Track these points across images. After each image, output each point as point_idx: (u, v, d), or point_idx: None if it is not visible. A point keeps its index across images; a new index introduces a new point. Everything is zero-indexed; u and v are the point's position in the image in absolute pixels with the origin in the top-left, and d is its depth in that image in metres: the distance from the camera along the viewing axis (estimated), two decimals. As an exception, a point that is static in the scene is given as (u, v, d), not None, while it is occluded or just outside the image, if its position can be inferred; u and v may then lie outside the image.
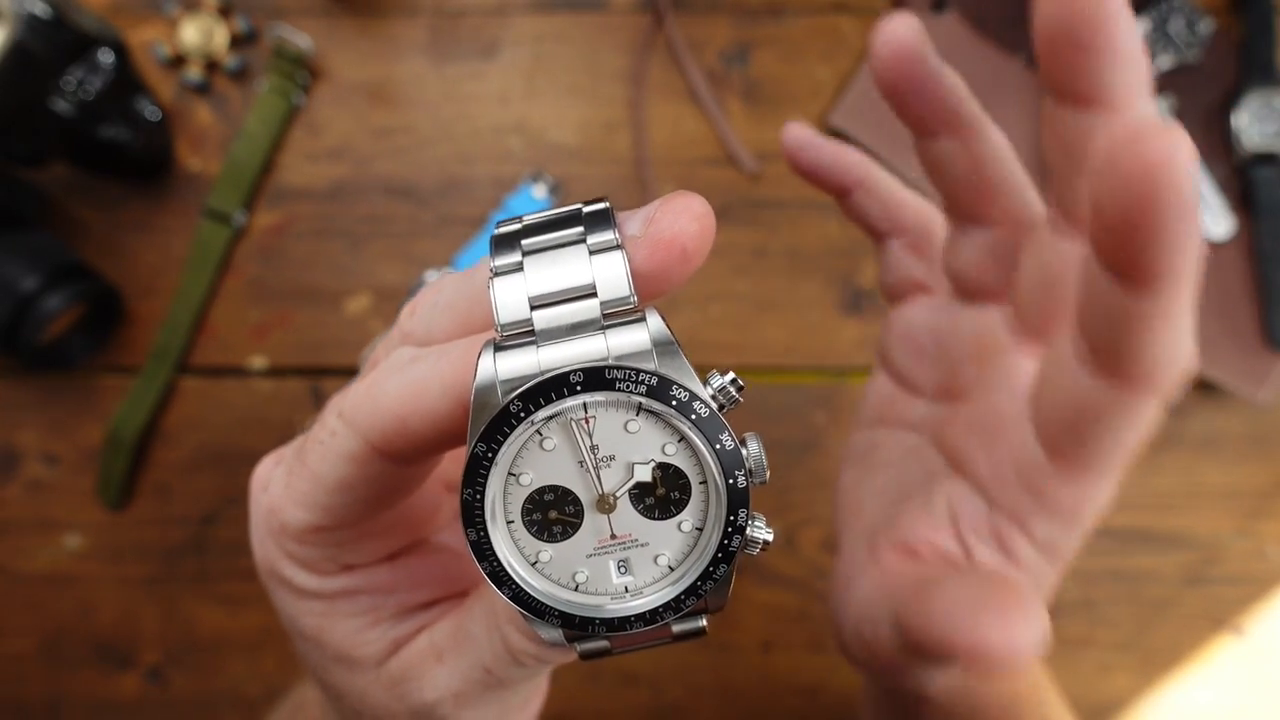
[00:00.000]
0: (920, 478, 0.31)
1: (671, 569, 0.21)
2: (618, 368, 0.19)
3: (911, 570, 0.28)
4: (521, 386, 0.19)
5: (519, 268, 0.21)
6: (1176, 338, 0.21)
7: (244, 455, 0.68)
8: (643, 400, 0.19)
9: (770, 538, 0.21)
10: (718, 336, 0.68)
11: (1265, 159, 0.67)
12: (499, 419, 0.19)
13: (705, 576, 0.21)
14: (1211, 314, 0.67)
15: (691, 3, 0.70)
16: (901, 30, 0.26)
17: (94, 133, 0.62)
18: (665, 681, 0.68)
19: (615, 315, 0.20)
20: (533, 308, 0.20)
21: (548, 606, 0.21)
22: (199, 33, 0.67)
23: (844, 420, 0.68)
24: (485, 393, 0.20)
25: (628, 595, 0.21)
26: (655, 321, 0.20)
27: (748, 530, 0.21)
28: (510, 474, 0.20)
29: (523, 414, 0.19)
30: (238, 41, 0.69)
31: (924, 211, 0.34)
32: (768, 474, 0.21)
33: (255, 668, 0.68)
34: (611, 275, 0.20)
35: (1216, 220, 0.67)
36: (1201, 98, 0.69)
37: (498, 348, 0.20)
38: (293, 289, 0.69)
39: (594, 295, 0.20)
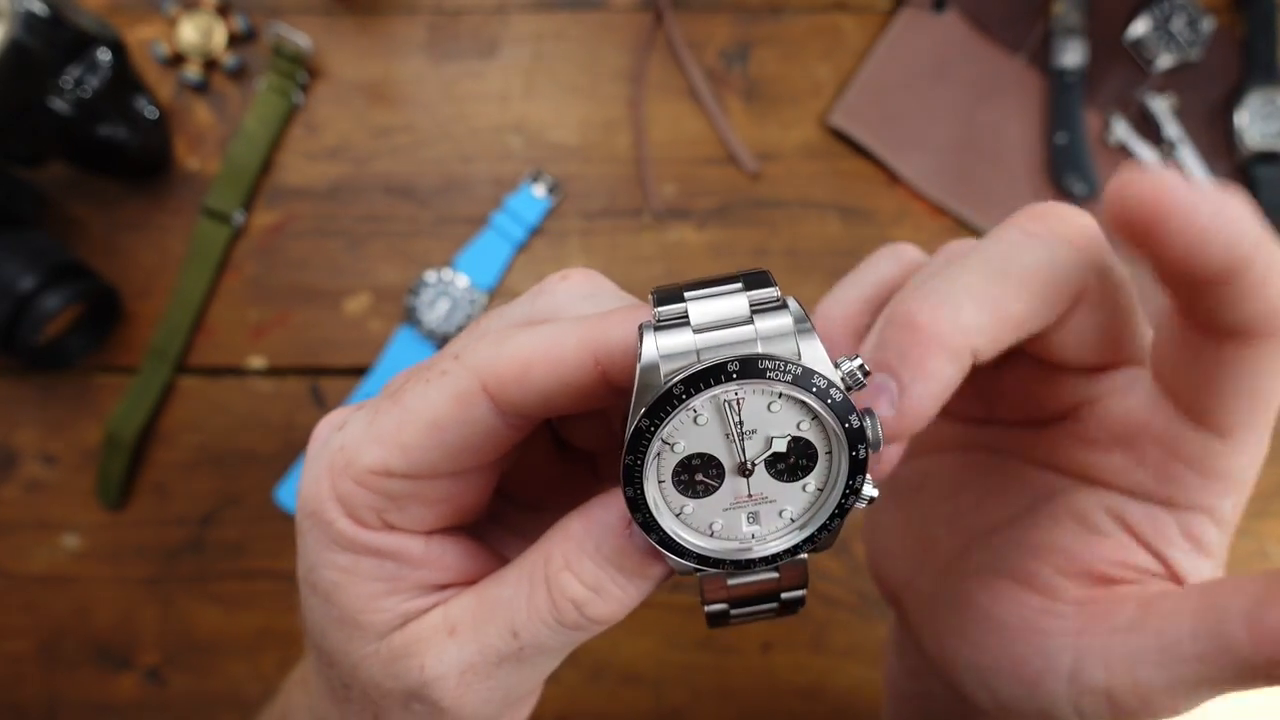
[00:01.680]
0: (1026, 498, 0.30)
1: (793, 521, 0.25)
2: (768, 358, 0.22)
3: (1120, 597, 0.27)
4: (681, 368, 0.22)
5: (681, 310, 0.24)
6: (1274, 292, 0.22)
7: (243, 455, 0.68)
8: (786, 388, 0.23)
9: (876, 494, 0.24)
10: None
11: (1267, 158, 0.67)
12: (662, 399, 0.22)
13: (823, 529, 0.24)
14: (1213, 313, 0.67)
15: (691, 2, 0.70)
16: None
17: (92, 132, 0.62)
18: (666, 682, 0.68)
19: (761, 306, 0.23)
20: (687, 300, 0.23)
21: (688, 549, 0.24)
22: (197, 31, 0.67)
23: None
24: (649, 372, 0.23)
25: (754, 541, 0.24)
26: (795, 306, 0.23)
27: (863, 490, 0.24)
28: (665, 442, 0.23)
29: (684, 396, 0.22)
30: (236, 40, 0.68)
31: None
32: (883, 444, 0.24)
33: (254, 668, 0.68)
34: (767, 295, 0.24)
35: (1218, 219, 0.67)
36: (1203, 96, 0.69)
37: (657, 330, 0.23)
38: (292, 289, 0.69)
39: (742, 292, 0.24)
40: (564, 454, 0.31)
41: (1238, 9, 0.69)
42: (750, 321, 0.23)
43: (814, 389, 0.23)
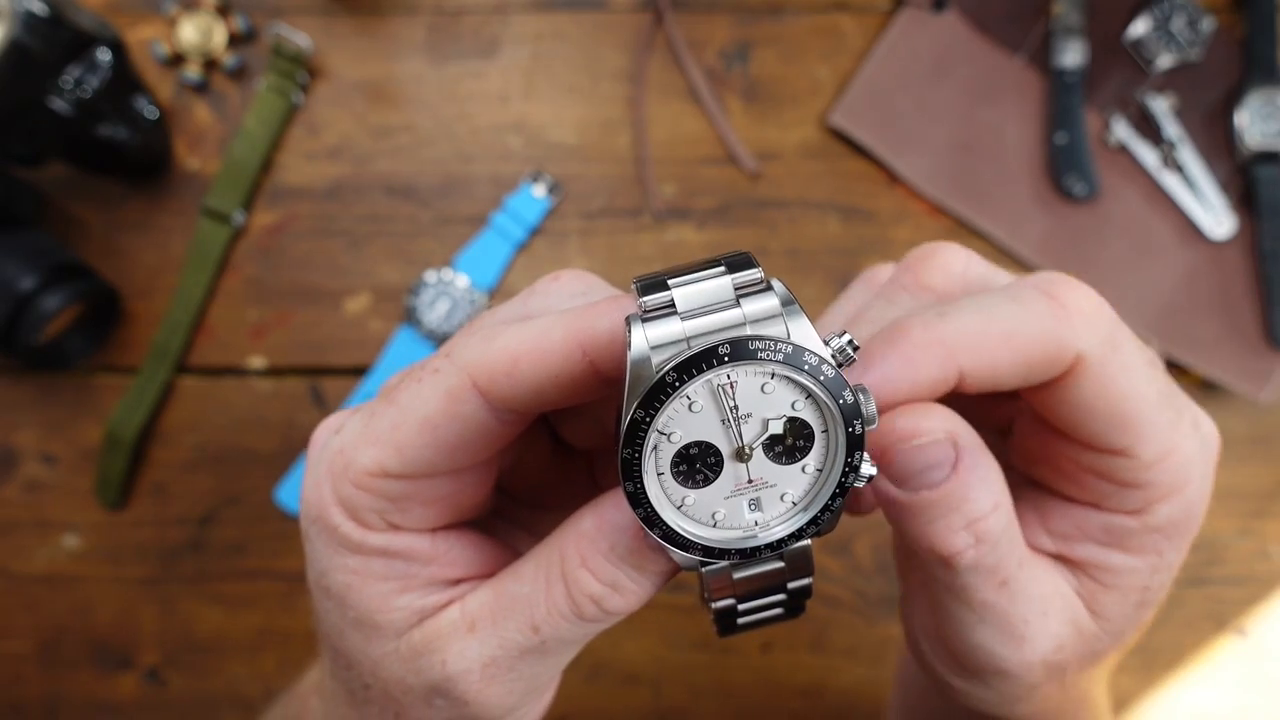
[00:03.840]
0: None
1: (795, 504, 0.24)
2: (758, 338, 0.22)
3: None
4: (672, 356, 0.22)
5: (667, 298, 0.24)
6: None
7: (243, 455, 0.68)
8: (778, 367, 0.22)
9: (875, 471, 0.24)
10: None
11: (1267, 157, 0.67)
12: (656, 388, 0.22)
13: (825, 509, 0.24)
14: (1213, 314, 0.67)
15: (691, 2, 0.70)
16: None
17: (92, 132, 0.62)
18: (666, 682, 0.68)
19: (746, 287, 0.23)
20: (671, 288, 0.23)
21: (692, 542, 0.24)
22: (197, 31, 0.67)
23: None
24: (640, 364, 0.22)
25: (758, 528, 0.24)
26: (780, 287, 0.23)
27: (861, 468, 0.24)
28: (662, 433, 0.23)
29: (677, 383, 0.22)
30: (236, 40, 0.68)
31: None
32: (878, 420, 0.24)
33: (254, 668, 0.68)
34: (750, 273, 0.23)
35: (1218, 220, 0.67)
36: (1203, 96, 0.69)
37: (644, 320, 0.23)
38: (292, 289, 0.69)
39: (726, 274, 0.23)
40: (562, 453, 0.31)
41: (1238, 9, 0.69)
42: (737, 304, 0.23)
43: (806, 366, 0.22)
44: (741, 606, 0.27)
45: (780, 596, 0.27)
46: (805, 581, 0.27)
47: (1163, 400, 0.26)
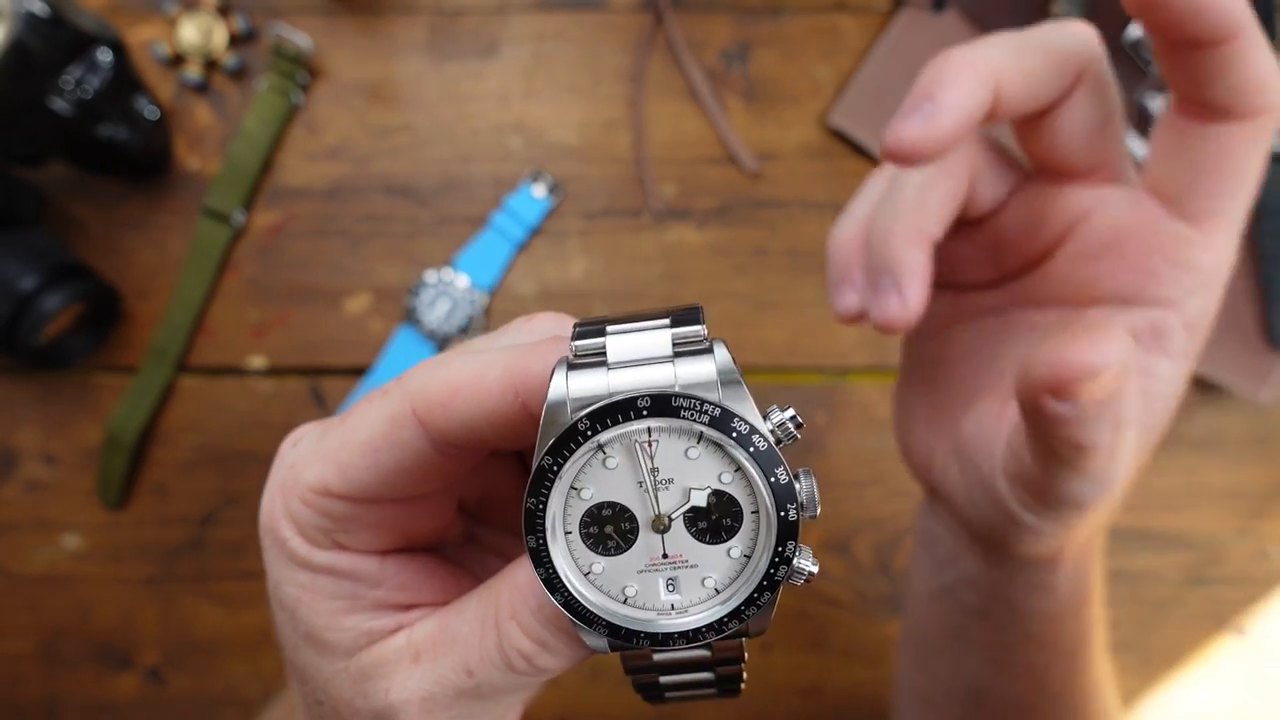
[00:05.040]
0: (1028, 341, 0.34)
1: (718, 591, 0.22)
2: (684, 396, 0.20)
3: None
4: (591, 405, 0.21)
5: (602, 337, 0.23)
6: (1261, 63, 0.27)
7: (243, 455, 0.68)
8: (705, 429, 0.21)
9: (815, 569, 0.22)
10: (718, 336, 0.68)
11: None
12: (566, 435, 0.21)
13: (750, 602, 0.22)
14: (1212, 313, 0.67)
15: (691, 2, 0.70)
16: None
17: (92, 132, 0.62)
18: (665, 682, 0.68)
19: (685, 344, 0.22)
20: (608, 335, 0.22)
21: (597, 616, 0.22)
22: (198, 32, 0.67)
23: (844, 420, 0.68)
24: (555, 409, 0.21)
25: (674, 613, 0.22)
26: (722, 353, 0.21)
27: (795, 561, 0.21)
28: (573, 488, 0.22)
29: (589, 432, 0.21)
30: (236, 40, 0.68)
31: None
32: (819, 509, 0.22)
33: (254, 668, 0.68)
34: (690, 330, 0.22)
35: (1218, 220, 0.67)
36: (1202, 97, 0.69)
37: (570, 367, 0.21)
38: (292, 288, 0.69)
39: (667, 328, 0.22)
40: None
41: (1237, 9, 0.69)
42: (671, 361, 0.21)
43: (734, 434, 0.21)
44: (664, 679, 0.25)
45: (708, 675, 0.25)
46: (735, 669, 0.24)
47: None
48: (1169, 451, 0.67)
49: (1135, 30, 0.68)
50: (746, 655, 0.24)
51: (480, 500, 0.31)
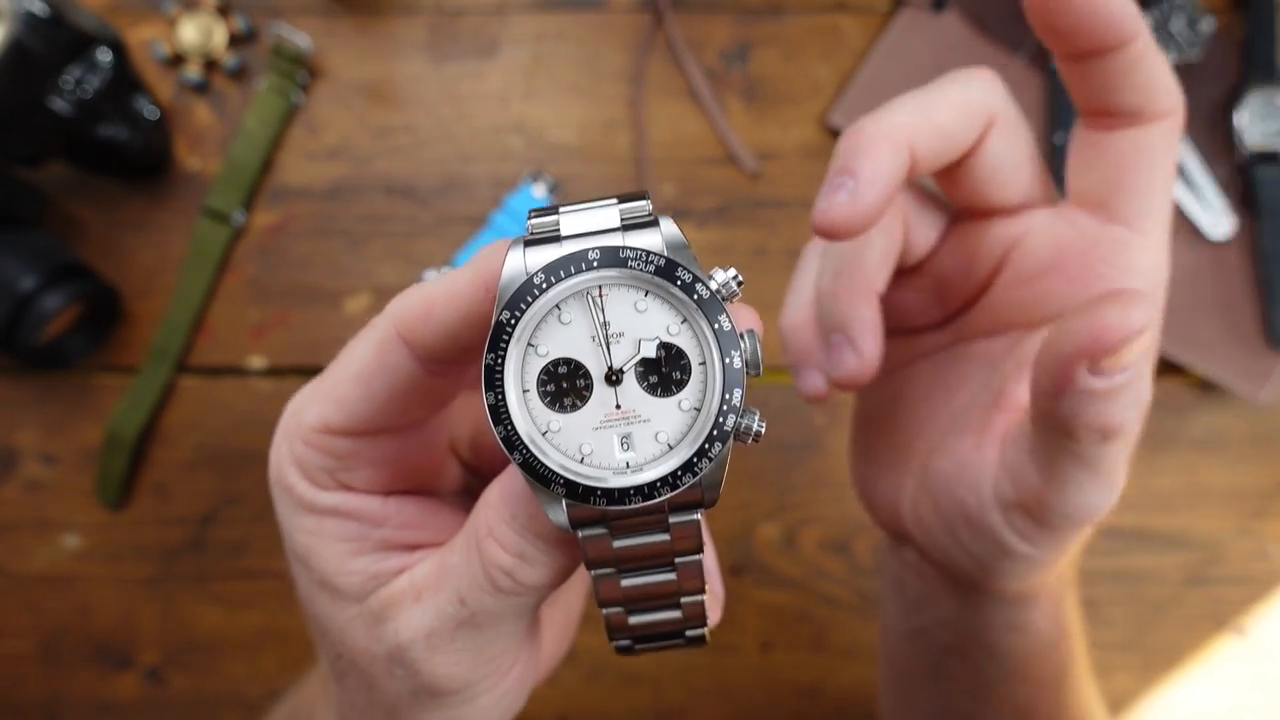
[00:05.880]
0: (985, 371, 0.34)
1: (671, 447, 0.23)
2: (630, 249, 0.22)
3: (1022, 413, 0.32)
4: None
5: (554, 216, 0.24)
6: (1160, 66, 0.29)
7: (243, 455, 0.68)
8: (651, 277, 0.22)
9: (763, 429, 0.23)
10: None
11: (1267, 157, 0.67)
12: (522, 289, 0.22)
13: (701, 453, 0.22)
14: (1212, 313, 0.67)
15: (691, 2, 0.70)
16: None
17: (92, 132, 0.62)
18: (666, 682, 0.68)
19: (633, 218, 0.23)
20: (560, 214, 0.23)
21: (554, 473, 0.22)
22: (198, 32, 0.67)
23: (844, 420, 0.68)
24: (513, 276, 0.22)
25: (629, 470, 0.23)
26: (669, 226, 0.23)
27: (743, 418, 0.22)
28: (529, 345, 0.23)
29: (545, 285, 0.22)
30: (236, 40, 0.68)
31: None
32: (762, 368, 0.22)
33: (254, 668, 0.68)
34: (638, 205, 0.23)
35: (1218, 220, 0.67)
36: (1203, 96, 0.69)
37: (527, 243, 0.23)
38: (292, 288, 0.69)
39: (615, 205, 0.23)
40: None
41: (1238, 9, 0.69)
42: (621, 233, 0.23)
43: (679, 281, 0.22)
44: (634, 620, 0.25)
45: (675, 614, 0.25)
46: (698, 598, 0.25)
47: None
48: (1169, 451, 0.67)
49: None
50: (709, 588, 0.25)
51: (472, 445, 0.32)
